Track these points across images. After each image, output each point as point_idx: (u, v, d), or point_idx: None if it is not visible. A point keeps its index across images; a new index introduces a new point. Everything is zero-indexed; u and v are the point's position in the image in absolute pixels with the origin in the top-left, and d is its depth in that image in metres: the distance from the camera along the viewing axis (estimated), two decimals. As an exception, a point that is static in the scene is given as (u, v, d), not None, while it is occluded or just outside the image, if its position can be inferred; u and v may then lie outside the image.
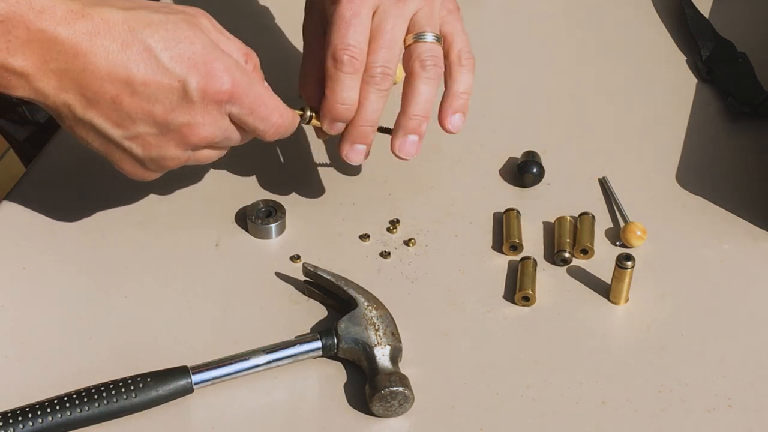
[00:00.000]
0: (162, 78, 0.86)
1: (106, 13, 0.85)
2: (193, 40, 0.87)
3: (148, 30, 0.86)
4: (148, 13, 0.87)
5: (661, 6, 1.29)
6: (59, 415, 0.86)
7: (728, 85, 1.17)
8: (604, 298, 0.98)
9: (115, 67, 0.85)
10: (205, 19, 0.90)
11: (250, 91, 0.90)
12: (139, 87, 0.86)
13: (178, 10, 0.90)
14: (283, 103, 0.94)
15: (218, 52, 0.89)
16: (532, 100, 1.18)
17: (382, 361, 0.90)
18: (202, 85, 0.87)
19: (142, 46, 0.86)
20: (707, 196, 1.07)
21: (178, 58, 0.86)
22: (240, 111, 0.90)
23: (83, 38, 0.84)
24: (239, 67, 0.90)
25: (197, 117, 0.89)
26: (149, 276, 0.99)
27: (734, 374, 0.93)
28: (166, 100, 0.87)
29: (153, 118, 0.88)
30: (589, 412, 0.90)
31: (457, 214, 1.05)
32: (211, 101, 0.88)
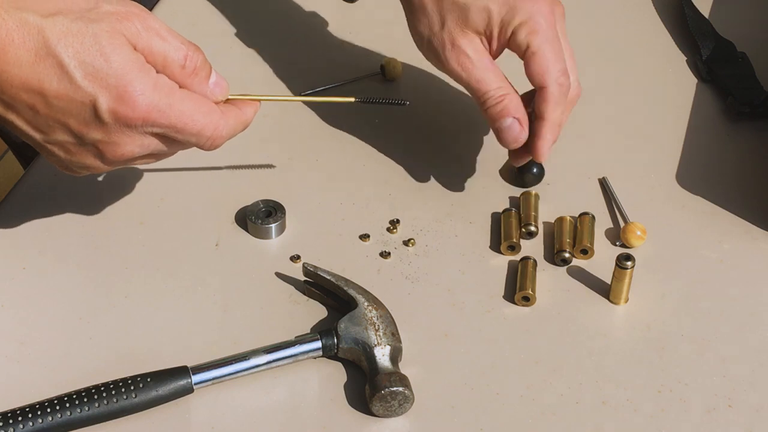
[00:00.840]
0: (74, 94, 0.83)
1: (23, 18, 0.82)
2: (110, 56, 0.83)
3: (63, 42, 0.82)
4: (67, 22, 0.82)
5: (661, 6, 1.29)
6: (59, 415, 0.86)
7: (728, 85, 1.17)
8: (604, 298, 0.98)
9: (28, 78, 0.82)
10: (137, 22, 0.85)
11: (171, 111, 0.85)
12: (52, 100, 0.83)
13: (104, 14, 0.84)
14: (218, 113, 0.89)
15: (134, 73, 0.84)
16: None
17: (382, 361, 0.90)
18: (113, 107, 0.84)
19: (55, 61, 0.82)
20: (707, 196, 1.07)
21: (90, 76, 0.83)
22: (164, 131, 0.86)
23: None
24: (157, 87, 0.85)
25: (112, 136, 0.86)
26: (149, 276, 0.99)
27: (734, 374, 0.93)
28: (80, 116, 0.84)
29: (69, 129, 0.85)
30: (589, 412, 0.90)
31: (457, 214, 1.05)
32: (123, 124, 0.85)
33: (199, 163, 1.10)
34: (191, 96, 0.87)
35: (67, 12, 0.83)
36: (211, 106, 0.88)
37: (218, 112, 0.88)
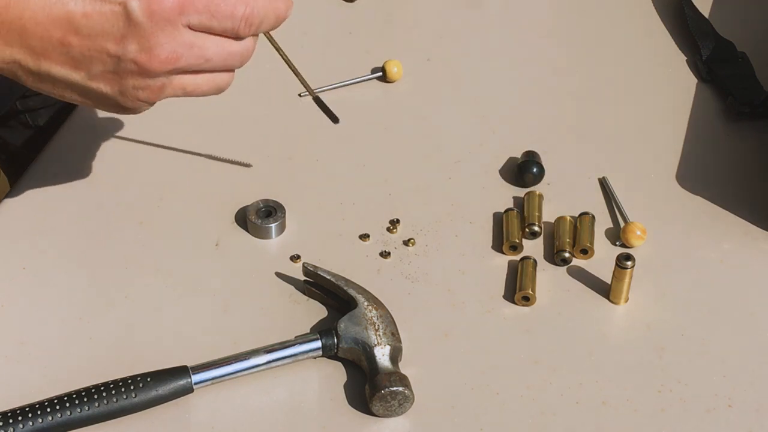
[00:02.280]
0: (101, 6, 0.79)
1: None
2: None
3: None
4: None
5: (661, 6, 1.29)
6: (59, 415, 0.86)
7: (728, 85, 1.17)
8: (604, 298, 0.98)
9: (51, 7, 0.79)
10: None
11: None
12: (81, 22, 0.79)
13: None
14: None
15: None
16: (533, 100, 1.18)
17: (382, 361, 0.90)
18: (144, 6, 0.79)
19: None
20: (707, 196, 1.07)
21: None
22: (199, 19, 0.82)
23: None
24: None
25: (150, 39, 0.81)
26: (149, 276, 0.99)
27: (734, 374, 0.93)
28: (113, 31, 0.80)
29: (106, 53, 0.81)
30: (589, 412, 0.90)
31: (457, 214, 1.05)
32: (159, 20, 0.80)
33: (199, 162, 1.10)
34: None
35: None
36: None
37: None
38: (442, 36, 1.25)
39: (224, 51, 0.85)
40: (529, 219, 1.03)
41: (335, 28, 1.26)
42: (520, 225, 1.03)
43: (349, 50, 1.23)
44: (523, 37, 1.26)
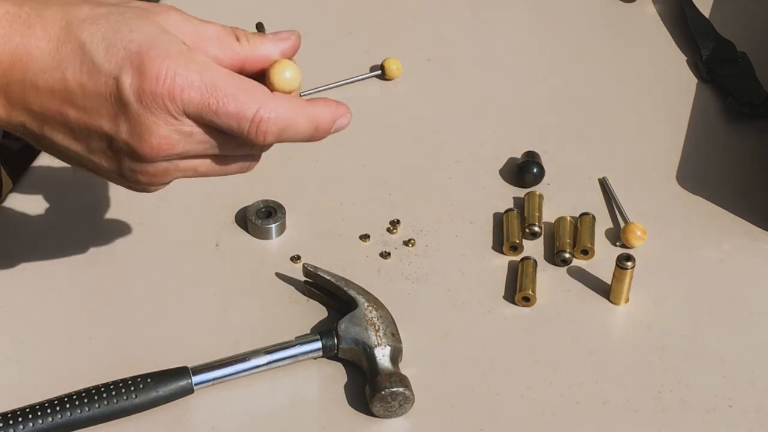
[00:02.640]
0: (96, 78, 0.73)
1: (45, 11, 0.75)
2: (134, 27, 0.73)
3: (87, 23, 0.74)
4: (92, 7, 0.75)
5: (662, 6, 1.29)
6: (59, 416, 0.86)
7: (728, 85, 1.16)
8: (604, 299, 0.98)
9: (51, 72, 0.74)
10: (174, 14, 0.77)
11: (203, 83, 0.73)
12: (76, 93, 0.74)
13: (138, 7, 0.76)
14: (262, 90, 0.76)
15: (160, 38, 0.73)
16: (533, 101, 1.18)
17: (383, 362, 0.90)
18: (136, 83, 0.73)
19: (76, 43, 0.74)
20: (707, 197, 1.07)
21: (112, 50, 0.73)
22: (197, 110, 0.74)
23: (18, 42, 0.75)
24: (185, 56, 0.74)
25: (140, 123, 0.74)
26: (149, 276, 0.99)
27: (734, 374, 0.93)
28: (107, 107, 0.74)
29: (102, 131, 0.76)
30: (589, 412, 0.90)
31: (457, 214, 1.05)
32: (150, 102, 0.73)
33: (199, 163, 1.10)
34: (233, 74, 0.75)
35: (95, 2, 0.76)
36: (254, 84, 0.75)
37: (263, 89, 0.76)
38: (441, 35, 1.25)
39: (234, 143, 0.77)
40: (530, 219, 1.03)
41: (335, 26, 1.26)
42: (520, 225, 1.03)
43: (348, 49, 1.23)
44: (523, 36, 1.26)
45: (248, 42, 0.78)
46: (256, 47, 0.78)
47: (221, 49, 0.77)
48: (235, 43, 0.77)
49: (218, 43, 0.77)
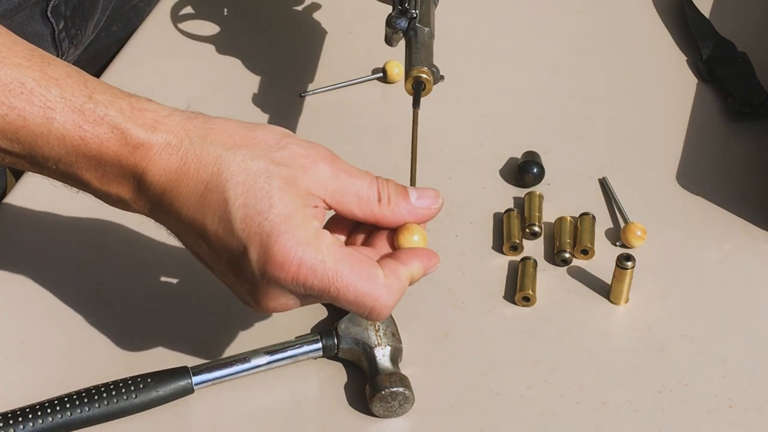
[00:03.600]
0: (229, 238, 0.79)
1: (203, 149, 0.80)
2: (275, 203, 0.78)
3: (235, 179, 0.79)
4: (247, 158, 0.79)
5: (662, 6, 1.29)
6: (59, 416, 0.86)
7: (728, 85, 1.16)
8: (604, 299, 0.98)
9: (194, 211, 0.80)
10: (324, 165, 0.81)
11: (325, 272, 0.79)
12: (211, 238, 0.80)
13: (289, 156, 0.80)
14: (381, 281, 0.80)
15: (294, 224, 0.78)
16: (533, 101, 1.18)
17: (383, 362, 0.90)
18: (261, 264, 0.78)
19: (222, 197, 0.79)
20: (707, 196, 1.07)
21: (248, 221, 0.78)
22: (318, 294, 0.80)
23: (172, 176, 0.80)
24: (313, 244, 0.78)
25: (262, 288, 0.80)
26: (149, 276, 0.99)
27: (734, 374, 0.93)
28: (233, 261, 0.80)
29: (227, 270, 0.82)
30: (589, 412, 0.90)
31: (458, 214, 1.05)
32: (272, 281, 0.79)
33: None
34: (354, 255, 0.80)
35: (254, 147, 0.80)
36: (373, 273, 0.80)
37: (381, 280, 0.80)
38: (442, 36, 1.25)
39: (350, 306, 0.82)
40: (530, 219, 1.03)
41: (336, 28, 1.26)
42: (520, 225, 1.03)
43: (350, 51, 1.23)
44: (524, 36, 1.26)
45: (388, 206, 0.82)
46: (396, 212, 0.82)
47: (360, 208, 0.82)
48: (375, 205, 0.82)
49: (358, 201, 0.82)
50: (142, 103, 0.82)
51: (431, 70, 0.94)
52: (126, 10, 1.28)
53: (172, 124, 0.81)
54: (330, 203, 0.81)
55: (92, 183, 0.84)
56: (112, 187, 0.83)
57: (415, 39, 0.98)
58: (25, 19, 1.10)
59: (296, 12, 1.28)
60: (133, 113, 0.81)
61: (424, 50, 0.97)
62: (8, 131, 0.81)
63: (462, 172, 1.10)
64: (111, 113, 0.81)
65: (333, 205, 0.81)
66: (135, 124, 0.81)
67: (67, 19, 1.15)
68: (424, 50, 0.97)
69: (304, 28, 1.26)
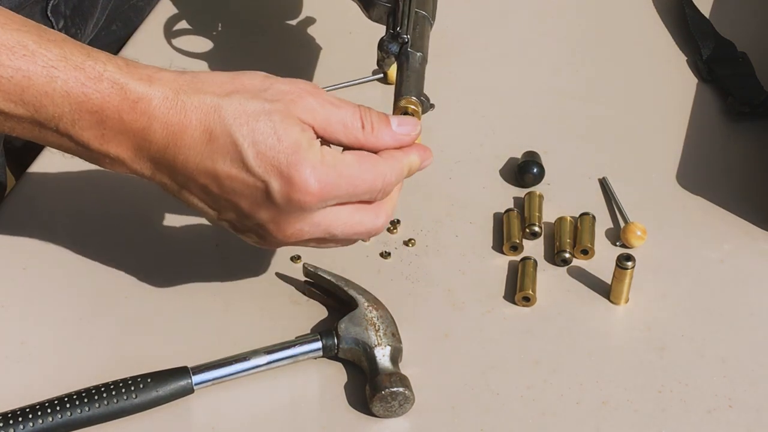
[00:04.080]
0: (246, 176, 0.84)
1: (199, 99, 0.84)
2: (282, 136, 0.84)
3: (239, 121, 0.84)
4: (243, 100, 0.84)
5: (662, 6, 1.29)
6: (59, 416, 0.86)
7: (729, 85, 1.16)
8: (604, 299, 0.98)
9: (203, 159, 0.84)
10: (309, 98, 0.86)
11: (341, 181, 0.85)
12: (224, 180, 0.85)
13: (279, 93, 0.86)
14: (381, 162, 0.88)
15: (303, 152, 0.84)
16: (533, 100, 1.18)
17: (383, 362, 0.90)
18: (285, 191, 0.84)
19: (229, 140, 0.84)
20: (707, 196, 1.07)
21: (262, 157, 0.83)
22: (338, 200, 0.86)
23: (175, 128, 0.84)
24: (324, 162, 0.85)
25: (281, 217, 0.86)
26: (149, 276, 0.99)
27: (735, 374, 0.93)
28: (251, 197, 0.85)
29: (240, 210, 0.86)
30: (589, 412, 0.90)
31: (458, 214, 1.05)
32: (296, 206, 0.85)
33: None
34: (357, 157, 0.87)
35: (244, 91, 0.85)
36: (373, 159, 0.87)
37: (381, 160, 0.88)
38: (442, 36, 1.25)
39: (351, 231, 0.89)
40: (530, 219, 1.03)
41: (336, 28, 1.26)
42: (520, 225, 1.03)
43: (350, 52, 1.23)
44: (524, 37, 1.26)
45: (372, 132, 0.88)
46: (379, 137, 0.88)
47: (346, 136, 0.87)
48: (360, 132, 0.87)
49: (344, 129, 0.87)
50: (133, 62, 0.86)
51: (420, 100, 0.94)
52: (125, 10, 1.28)
53: (166, 78, 0.85)
54: (318, 131, 0.86)
55: (91, 143, 0.85)
56: (111, 147, 0.85)
57: (407, 65, 0.96)
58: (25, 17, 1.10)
59: (296, 12, 1.28)
60: (129, 69, 0.85)
61: (414, 78, 0.96)
62: (13, 93, 0.83)
63: (462, 172, 1.10)
64: (110, 68, 0.84)
65: (321, 133, 0.86)
66: (132, 78, 0.84)
67: (67, 18, 1.15)
68: (414, 78, 0.96)
69: (305, 28, 1.26)
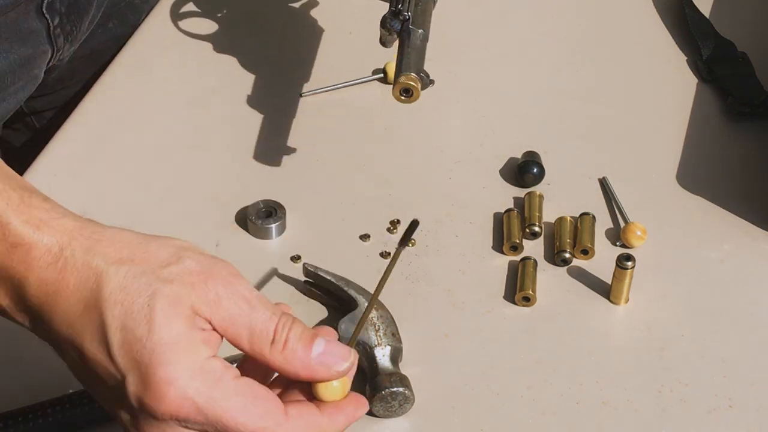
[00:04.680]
0: (108, 364, 0.71)
1: (87, 262, 0.72)
2: (155, 328, 0.70)
3: (114, 297, 0.71)
4: (130, 275, 0.71)
5: (662, 6, 1.29)
6: (60, 416, 0.86)
7: (729, 85, 1.16)
8: (604, 299, 0.98)
9: (73, 331, 0.72)
10: (219, 286, 0.72)
11: (211, 408, 0.70)
12: (89, 362, 0.72)
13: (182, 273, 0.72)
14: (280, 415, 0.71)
15: (173, 353, 0.70)
16: (533, 100, 1.18)
17: (383, 362, 0.90)
18: (138, 394, 0.70)
19: (99, 318, 0.71)
20: (707, 196, 1.07)
21: (127, 347, 0.70)
22: (200, 428, 0.71)
23: (49, 289, 0.72)
24: (198, 376, 0.70)
25: (138, 421, 0.72)
26: (149, 276, 0.99)
27: (735, 374, 0.93)
28: (111, 388, 0.72)
29: (104, 398, 0.74)
30: (589, 412, 0.90)
31: (458, 214, 1.05)
32: (149, 414, 0.71)
33: (199, 163, 1.10)
34: (249, 390, 0.71)
35: (140, 262, 0.72)
36: (270, 406, 0.71)
37: (281, 414, 0.71)
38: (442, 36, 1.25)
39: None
40: (530, 219, 1.03)
41: (336, 28, 1.26)
42: (520, 225, 1.03)
43: (350, 52, 1.23)
44: (524, 37, 1.26)
45: (282, 351, 0.72)
46: (288, 360, 0.72)
47: (250, 344, 0.72)
48: (266, 346, 0.72)
49: (249, 336, 0.72)
50: (34, 200, 0.75)
51: (420, 76, 0.93)
52: (122, 7, 1.28)
53: (59, 227, 0.73)
54: (217, 328, 0.72)
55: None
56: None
57: (408, 42, 0.97)
58: (21, 15, 1.10)
59: (296, 12, 1.28)
60: (20, 207, 0.74)
61: (414, 54, 0.96)
62: None
63: (462, 172, 1.10)
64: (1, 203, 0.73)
65: (221, 331, 0.72)
66: (19, 219, 0.73)
67: (62, 16, 1.15)
68: (414, 54, 0.96)
69: (304, 28, 1.26)
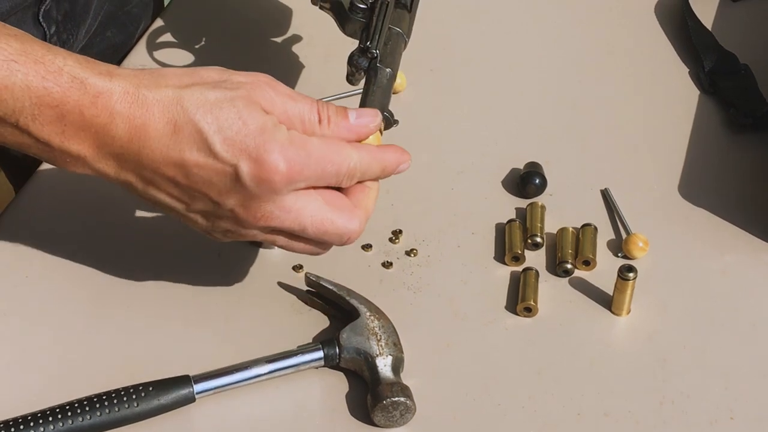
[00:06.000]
0: (214, 163, 0.85)
1: (160, 93, 0.85)
2: (247, 120, 0.84)
3: (202, 110, 0.84)
4: (204, 91, 0.85)
5: (664, 17, 1.29)
6: (61, 424, 0.86)
7: (731, 97, 1.17)
8: (606, 310, 0.98)
9: (168, 150, 0.85)
10: (267, 89, 0.87)
11: (310, 162, 0.86)
12: (192, 169, 0.85)
13: (237, 83, 0.87)
14: (347, 146, 0.89)
15: (269, 133, 0.85)
16: (535, 111, 1.18)
17: (384, 371, 0.90)
18: (254, 172, 0.84)
19: (194, 128, 0.84)
20: (709, 208, 1.07)
21: (230, 142, 0.84)
22: (307, 183, 0.87)
23: (138, 122, 0.84)
24: (293, 143, 0.85)
25: (251, 200, 0.86)
26: (151, 285, 0.99)
27: (736, 386, 0.93)
28: (220, 183, 0.85)
29: (209, 198, 0.87)
30: (590, 423, 0.90)
31: (460, 224, 1.05)
32: (265, 188, 0.85)
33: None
34: (324, 140, 0.88)
35: (203, 83, 0.86)
36: (340, 143, 0.88)
37: (347, 145, 0.89)
38: (445, 46, 1.25)
39: (321, 227, 0.88)
40: (532, 230, 1.03)
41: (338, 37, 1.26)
42: (522, 236, 1.03)
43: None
44: (526, 48, 1.26)
45: (328, 126, 0.89)
46: (335, 131, 0.89)
47: (303, 129, 0.88)
48: (316, 126, 0.88)
49: (301, 124, 0.88)
50: (90, 60, 0.86)
51: (384, 116, 0.95)
52: (120, 16, 1.28)
53: (126, 74, 0.85)
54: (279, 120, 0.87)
55: (52, 140, 0.85)
56: (72, 144, 0.85)
57: (374, 80, 0.97)
58: (17, 23, 1.10)
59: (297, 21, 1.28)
60: (88, 64, 0.85)
61: (379, 93, 0.96)
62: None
63: (464, 182, 1.10)
64: (69, 63, 0.84)
65: (281, 122, 0.87)
66: (92, 73, 0.84)
67: (59, 24, 1.15)
68: (379, 93, 0.96)
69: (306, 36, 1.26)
